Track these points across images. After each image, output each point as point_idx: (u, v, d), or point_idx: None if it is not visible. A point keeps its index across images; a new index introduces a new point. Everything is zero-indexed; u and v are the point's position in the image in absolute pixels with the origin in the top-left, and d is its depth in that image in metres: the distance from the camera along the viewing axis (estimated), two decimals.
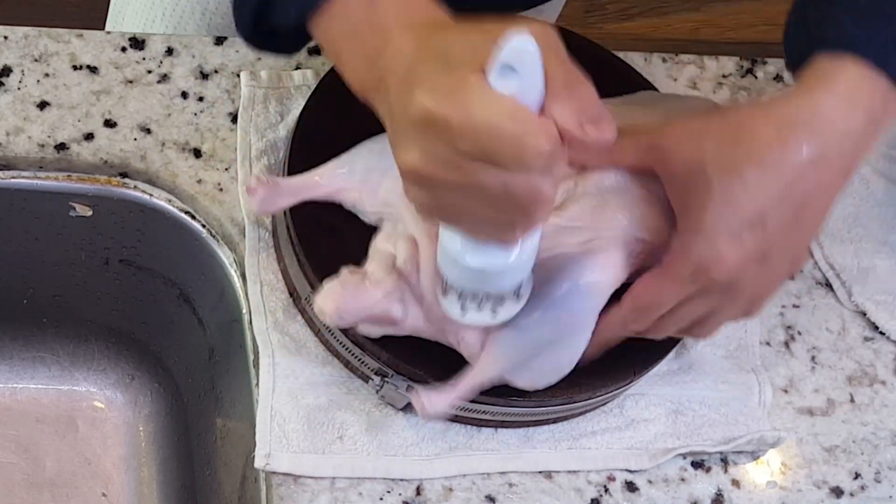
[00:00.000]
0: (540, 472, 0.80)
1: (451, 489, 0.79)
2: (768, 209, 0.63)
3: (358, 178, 0.77)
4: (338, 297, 0.70)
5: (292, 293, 0.81)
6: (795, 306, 0.90)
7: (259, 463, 0.76)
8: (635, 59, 0.97)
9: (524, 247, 0.65)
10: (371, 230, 0.78)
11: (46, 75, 0.88)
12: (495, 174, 0.57)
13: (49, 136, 0.86)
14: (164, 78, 0.89)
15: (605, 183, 0.72)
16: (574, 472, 0.80)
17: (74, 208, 0.88)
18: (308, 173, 0.78)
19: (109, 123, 0.87)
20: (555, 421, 0.81)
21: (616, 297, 0.72)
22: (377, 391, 0.78)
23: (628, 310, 0.70)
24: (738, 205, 0.63)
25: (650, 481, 0.82)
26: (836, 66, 0.65)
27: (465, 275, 0.67)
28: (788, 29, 0.71)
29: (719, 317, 0.70)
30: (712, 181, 0.63)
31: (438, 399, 0.73)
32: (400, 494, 0.78)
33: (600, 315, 0.71)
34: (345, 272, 0.73)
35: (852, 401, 0.88)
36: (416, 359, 0.76)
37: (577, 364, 0.74)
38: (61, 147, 0.86)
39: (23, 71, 0.87)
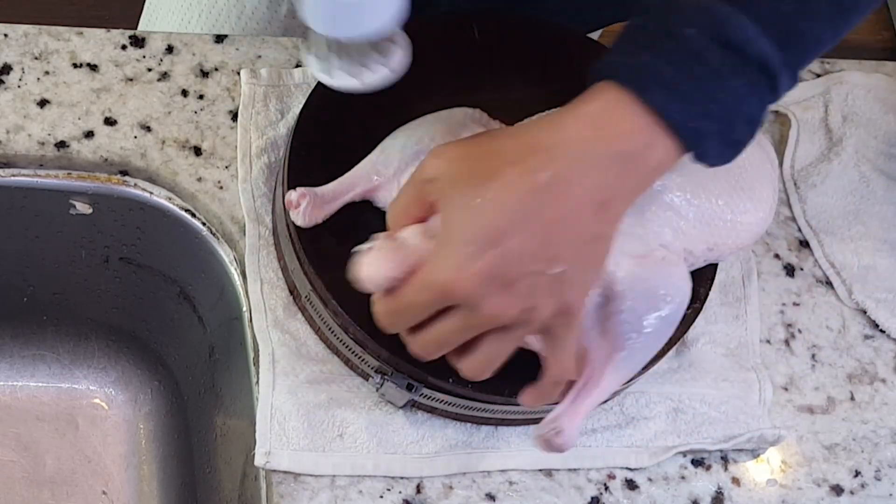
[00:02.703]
0: (540, 470, 0.80)
1: (451, 487, 0.79)
2: (506, 229, 0.62)
3: (391, 175, 0.78)
4: (383, 263, 0.67)
5: (292, 291, 0.81)
6: (796, 304, 0.90)
7: (259, 461, 0.76)
8: None
9: None
10: (372, 227, 0.78)
11: (47, 73, 0.88)
12: None
13: (49, 134, 0.86)
14: (164, 76, 0.89)
15: None
16: (574, 470, 0.81)
17: (75, 206, 0.88)
18: (343, 177, 0.78)
19: (109, 121, 0.87)
20: None
21: None
22: (377, 389, 0.78)
23: (380, 305, 0.68)
24: (476, 219, 0.62)
25: (650, 479, 0.82)
26: (595, 92, 0.64)
27: (326, 24, 0.64)
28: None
29: (484, 348, 0.66)
30: (460, 198, 0.63)
31: (571, 423, 0.71)
32: (400, 492, 0.78)
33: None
34: (379, 239, 0.69)
35: (852, 399, 0.88)
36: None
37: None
38: (61, 145, 0.86)
39: (23, 69, 0.87)
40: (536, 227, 0.62)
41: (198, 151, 0.87)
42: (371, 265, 0.67)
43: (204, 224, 0.86)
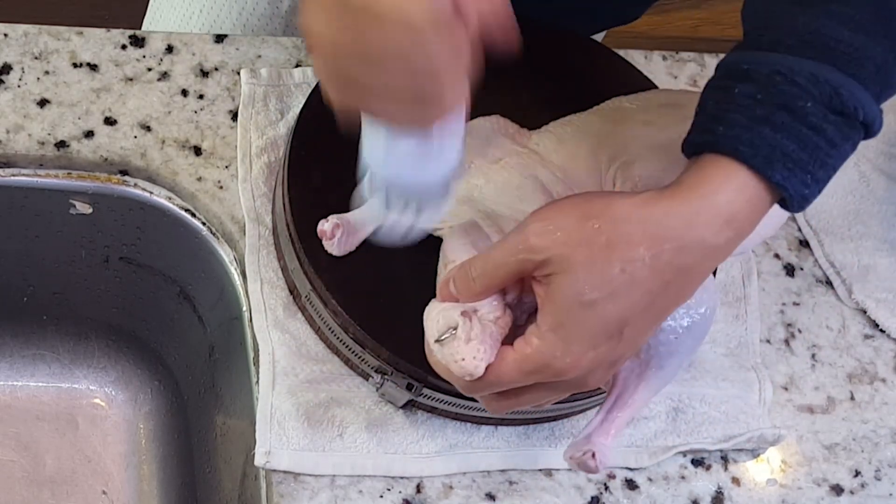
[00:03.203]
0: (540, 469, 0.80)
1: (451, 487, 0.79)
2: (630, 321, 0.63)
3: None
4: (482, 354, 0.65)
5: (292, 291, 0.81)
6: (796, 304, 0.90)
7: (259, 461, 0.76)
8: (636, 57, 0.97)
9: (444, 139, 0.65)
10: None
11: (46, 73, 0.88)
12: (389, 37, 0.58)
13: (49, 134, 0.86)
14: (164, 76, 0.89)
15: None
16: (574, 469, 0.80)
17: (75, 206, 0.88)
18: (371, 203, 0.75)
19: (109, 121, 0.87)
20: (555, 419, 0.81)
21: None
22: (377, 389, 0.78)
23: (472, 387, 0.66)
24: (602, 317, 0.62)
25: (650, 479, 0.82)
26: (716, 169, 0.63)
27: (389, 170, 0.67)
28: (697, 107, 0.67)
29: (556, 399, 0.68)
30: (583, 294, 0.62)
31: (604, 441, 0.70)
32: (400, 492, 0.78)
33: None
34: (458, 321, 0.66)
35: (852, 398, 0.88)
36: (417, 357, 0.75)
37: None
38: (61, 145, 0.86)
39: (23, 68, 0.87)
40: (653, 313, 0.64)
41: (198, 151, 0.87)
42: (474, 359, 0.65)
43: (204, 224, 0.86)
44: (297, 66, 0.91)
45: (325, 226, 0.76)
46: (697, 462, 0.83)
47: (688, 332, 0.72)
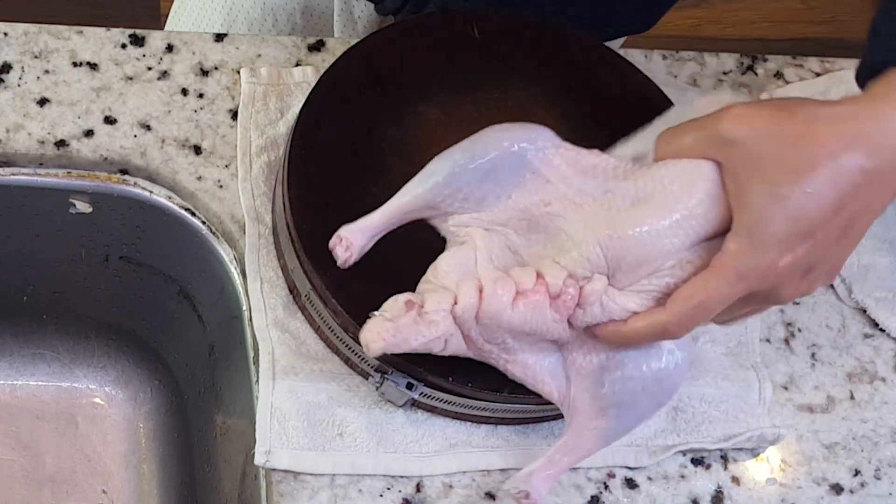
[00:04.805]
0: None
1: (450, 486, 0.79)
2: (822, 221, 0.64)
3: (442, 197, 0.72)
4: (387, 337, 0.68)
5: (292, 290, 0.81)
6: (795, 303, 0.90)
7: (259, 460, 0.76)
8: (636, 56, 0.97)
9: None
10: None
11: (46, 72, 0.88)
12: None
13: (49, 133, 0.86)
14: (164, 75, 0.89)
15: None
16: (574, 468, 0.80)
17: (74, 205, 0.88)
18: (388, 204, 0.73)
19: (109, 120, 0.87)
20: (554, 418, 0.81)
21: None
22: (377, 388, 0.78)
23: (674, 314, 0.67)
24: (798, 214, 0.63)
25: (650, 478, 0.82)
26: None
27: None
28: (868, 37, 0.70)
29: (746, 316, 0.71)
30: (774, 187, 0.63)
31: (542, 483, 0.71)
32: (400, 491, 0.78)
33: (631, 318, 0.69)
34: (398, 304, 0.69)
35: (852, 398, 0.88)
36: (416, 356, 0.76)
37: None
38: (61, 144, 0.86)
39: (23, 68, 0.87)
40: (844, 218, 0.64)
41: (198, 150, 0.87)
42: (378, 337, 0.68)
43: (204, 223, 0.86)
44: (297, 65, 0.91)
45: (337, 241, 0.74)
46: (697, 461, 0.83)
47: (656, 383, 0.70)
